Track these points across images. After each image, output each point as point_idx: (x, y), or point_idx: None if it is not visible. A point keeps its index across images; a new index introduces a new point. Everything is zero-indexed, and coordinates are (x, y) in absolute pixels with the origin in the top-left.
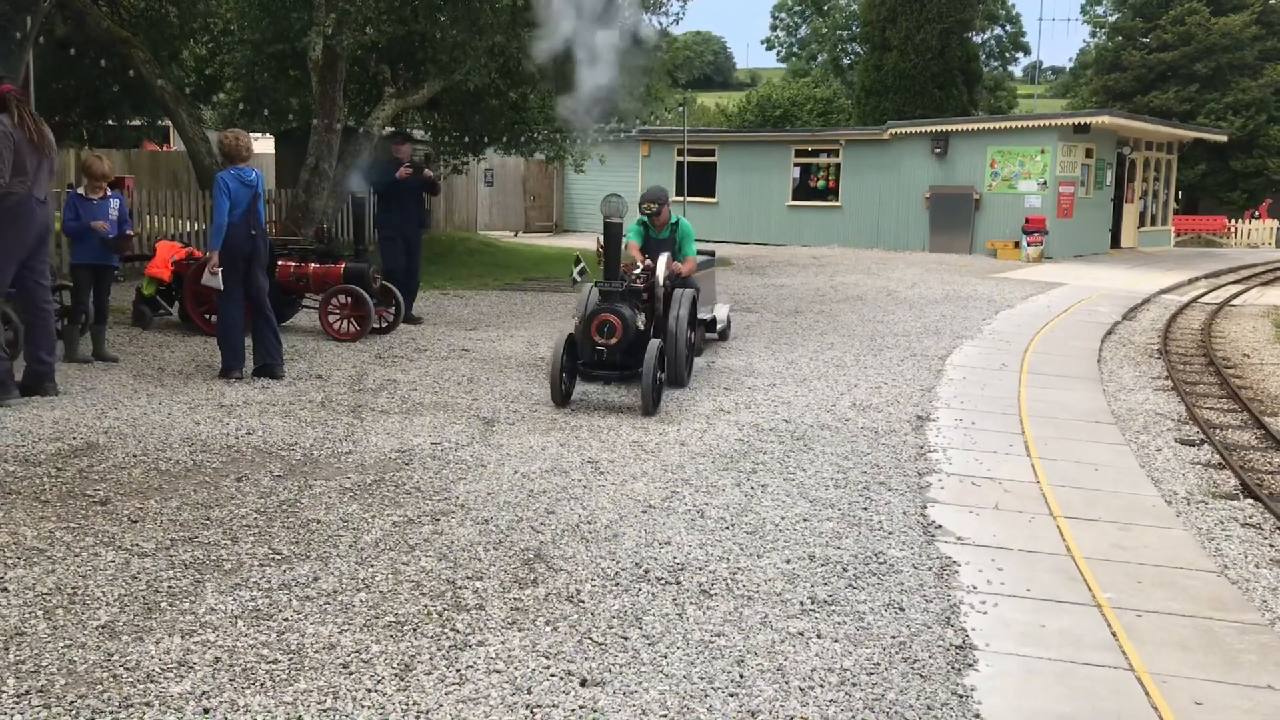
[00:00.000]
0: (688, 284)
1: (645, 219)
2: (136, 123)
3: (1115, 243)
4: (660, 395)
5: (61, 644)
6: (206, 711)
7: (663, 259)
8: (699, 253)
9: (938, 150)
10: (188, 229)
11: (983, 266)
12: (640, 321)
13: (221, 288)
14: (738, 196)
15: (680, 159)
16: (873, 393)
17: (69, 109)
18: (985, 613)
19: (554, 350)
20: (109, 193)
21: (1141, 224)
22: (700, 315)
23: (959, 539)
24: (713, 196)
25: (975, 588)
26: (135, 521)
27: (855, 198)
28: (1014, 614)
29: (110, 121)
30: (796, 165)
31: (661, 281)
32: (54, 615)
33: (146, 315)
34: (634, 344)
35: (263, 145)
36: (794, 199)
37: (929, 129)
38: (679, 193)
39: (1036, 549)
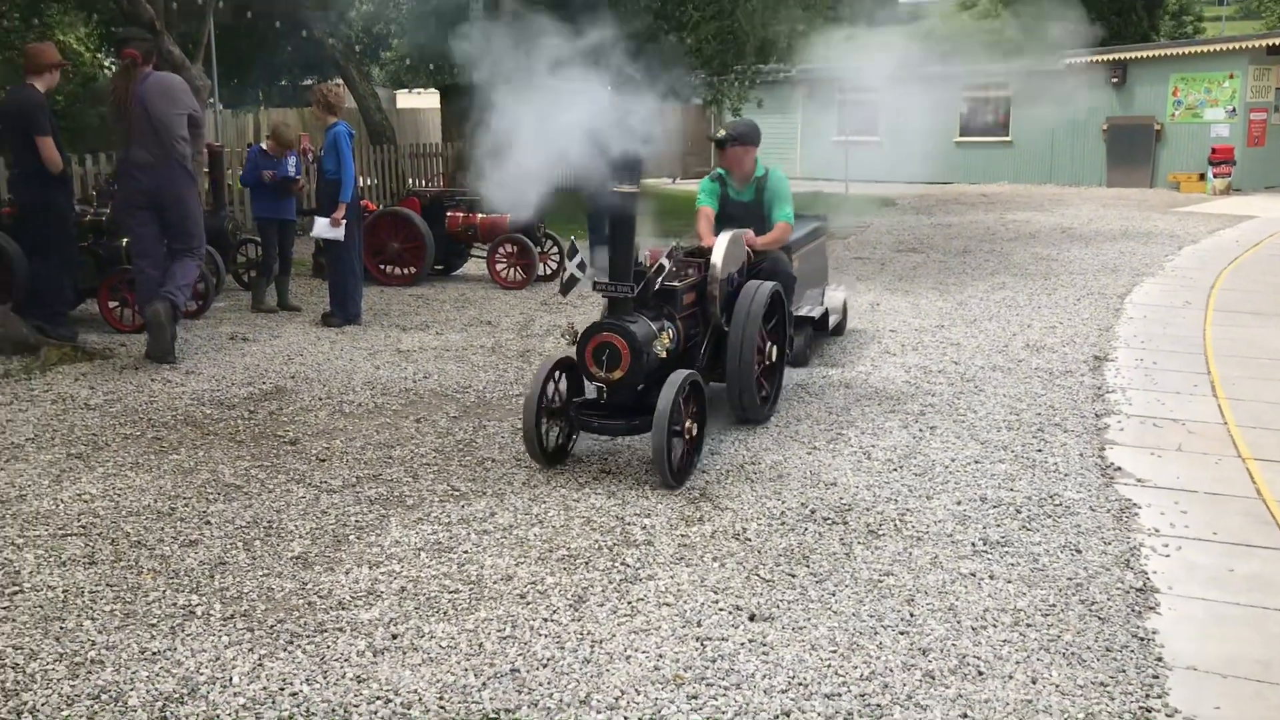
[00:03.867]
0: (776, 267)
1: (723, 171)
2: (308, 82)
3: None
4: (694, 455)
5: (260, 573)
6: (395, 637)
7: (722, 240)
8: (803, 216)
9: (1115, 80)
10: (361, 183)
11: (1164, 200)
12: (667, 338)
13: (342, 239)
14: (902, 134)
15: (841, 97)
16: (1047, 333)
17: (246, 72)
18: (1168, 555)
19: (532, 382)
20: (288, 152)
21: None
22: (802, 311)
23: (1139, 481)
24: (875, 135)
25: (1157, 530)
26: (323, 460)
27: (1026, 132)
28: (1199, 557)
29: (283, 82)
30: (964, 100)
31: (719, 274)
32: (252, 546)
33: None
34: (656, 377)
35: (429, 99)
36: (961, 135)
37: (1106, 57)
38: (840, 132)
39: (1223, 491)
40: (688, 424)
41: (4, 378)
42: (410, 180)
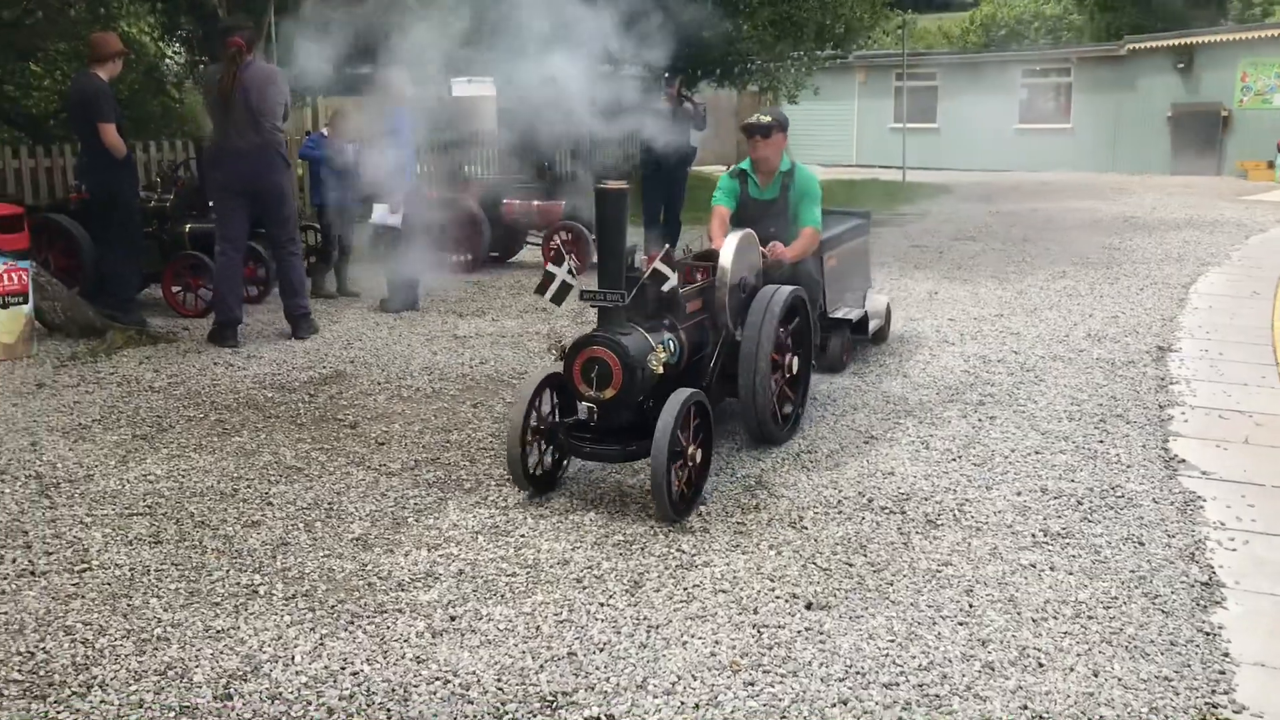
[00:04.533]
0: (797, 269)
1: (745, 166)
2: (365, 70)
3: None
4: (700, 484)
5: (321, 554)
6: (453, 619)
7: (731, 240)
8: (842, 212)
9: (1181, 65)
10: (418, 170)
11: (1231, 189)
12: (663, 352)
13: (400, 226)
14: (960, 121)
15: (899, 84)
16: (1109, 322)
17: (306, 60)
18: (1234, 550)
19: (516, 401)
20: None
21: None
22: (838, 313)
23: (1204, 474)
24: (933, 122)
25: (1223, 524)
26: (382, 444)
27: (1088, 119)
28: (1267, 552)
29: (344, 71)
30: (1024, 87)
31: (729, 278)
32: (313, 528)
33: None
34: (660, 394)
35: (484, 88)
36: (1021, 122)
37: (1171, 42)
38: (898, 118)
39: None
40: (691, 450)
41: (71, 360)
42: (466, 168)
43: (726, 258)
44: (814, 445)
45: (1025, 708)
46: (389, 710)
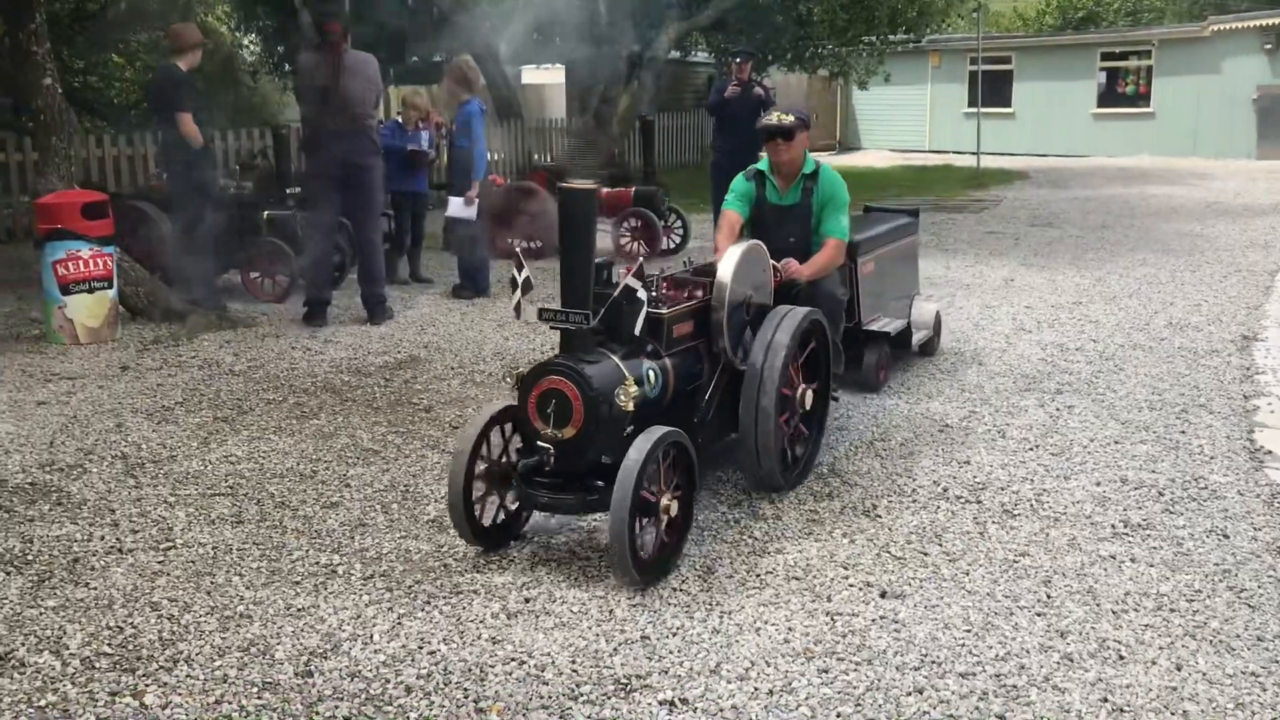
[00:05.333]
0: (816, 286)
1: (763, 167)
2: (437, 59)
3: None
4: (679, 541)
5: (398, 535)
6: (527, 601)
7: (734, 253)
8: (887, 210)
9: (1268, 46)
10: (490, 158)
11: None
12: (633, 386)
13: (475, 218)
14: (1036, 106)
15: (973, 68)
16: (1191, 311)
17: (375, 49)
18: None
19: (460, 439)
20: (420, 125)
21: None
22: (876, 325)
23: None
24: (1009, 107)
25: None
26: (456, 427)
27: (1169, 103)
28: None
29: (414, 59)
30: (1102, 70)
31: (728, 296)
32: (390, 509)
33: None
34: (625, 439)
35: (554, 75)
36: (1099, 106)
37: (1258, 22)
38: (972, 103)
39: None
40: (664, 502)
41: (154, 343)
42: (535, 155)
43: (726, 273)
44: (888, 433)
45: (1105, 700)
46: (465, 689)
